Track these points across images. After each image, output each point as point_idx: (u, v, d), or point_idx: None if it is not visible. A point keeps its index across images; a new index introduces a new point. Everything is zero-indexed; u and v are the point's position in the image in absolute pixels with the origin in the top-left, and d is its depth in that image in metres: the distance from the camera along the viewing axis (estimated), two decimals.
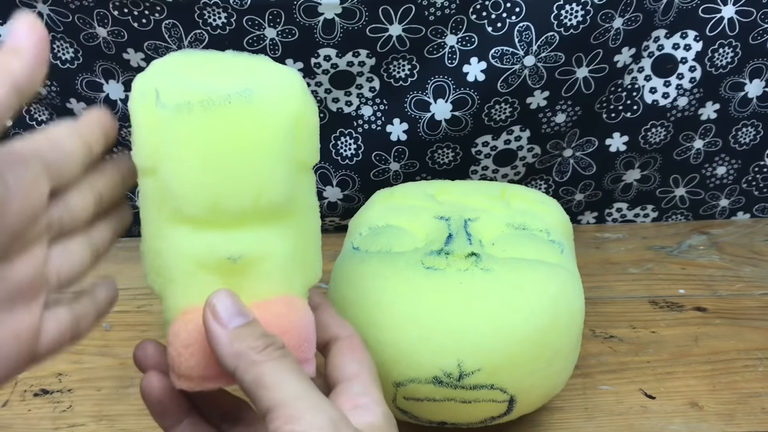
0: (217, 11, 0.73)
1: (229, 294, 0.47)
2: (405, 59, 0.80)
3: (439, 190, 0.72)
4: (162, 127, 0.48)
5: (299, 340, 0.49)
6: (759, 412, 0.67)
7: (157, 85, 0.48)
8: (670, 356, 0.73)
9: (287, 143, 0.50)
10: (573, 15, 0.76)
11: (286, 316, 0.49)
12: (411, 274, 0.60)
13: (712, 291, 0.82)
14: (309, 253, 0.53)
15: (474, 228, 0.65)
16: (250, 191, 0.48)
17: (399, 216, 0.68)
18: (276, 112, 0.49)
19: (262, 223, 0.50)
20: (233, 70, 0.51)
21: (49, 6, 0.76)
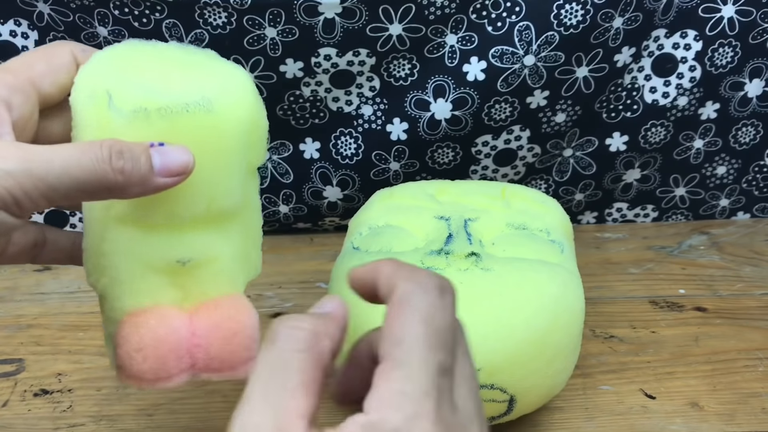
0: (217, 11, 0.73)
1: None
2: (405, 59, 0.80)
3: (439, 190, 0.72)
4: (115, 132, 0.47)
5: (249, 340, 0.50)
6: (759, 412, 0.67)
7: (108, 86, 0.48)
8: (671, 356, 0.73)
9: (242, 150, 0.51)
10: (573, 14, 0.76)
11: (235, 317, 0.50)
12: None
13: (713, 291, 0.82)
14: (251, 251, 0.54)
15: (474, 228, 0.65)
16: (205, 198, 0.49)
17: (399, 216, 0.68)
18: (233, 120, 0.49)
19: (210, 226, 0.51)
20: (183, 69, 0.51)
21: (49, 5, 0.76)
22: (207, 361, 0.50)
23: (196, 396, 0.70)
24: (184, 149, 0.46)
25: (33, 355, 0.74)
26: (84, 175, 0.43)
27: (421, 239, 0.65)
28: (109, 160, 0.44)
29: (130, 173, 0.44)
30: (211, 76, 0.50)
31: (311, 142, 0.86)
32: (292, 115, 0.83)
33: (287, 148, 0.86)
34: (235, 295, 0.52)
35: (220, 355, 0.50)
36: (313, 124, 0.84)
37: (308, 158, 0.87)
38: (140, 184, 0.45)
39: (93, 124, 0.48)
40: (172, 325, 0.49)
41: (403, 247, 0.64)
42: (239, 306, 0.51)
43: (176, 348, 0.49)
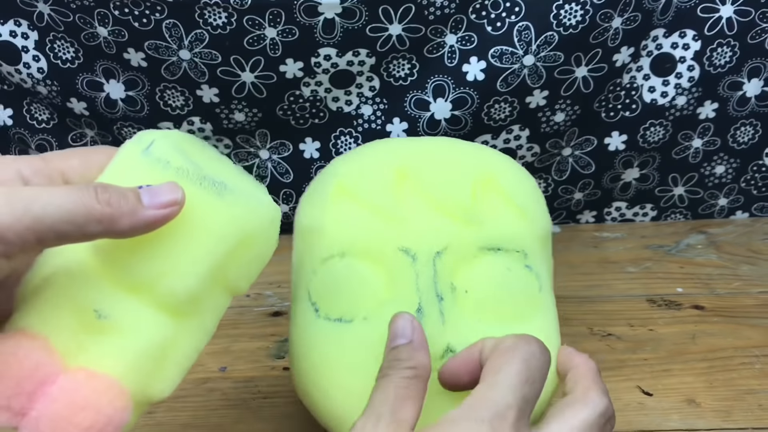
0: (217, 11, 0.73)
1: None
2: (405, 59, 0.80)
3: (400, 175, 0.61)
4: (132, 169, 0.49)
5: (77, 422, 0.45)
6: (755, 409, 0.67)
7: (158, 138, 0.50)
8: (668, 354, 0.74)
9: (221, 250, 0.49)
10: (572, 14, 0.76)
11: (95, 406, 0.46)
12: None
13: (710, 289, 0.82)
14: (168, 368, 0.50)
15: (443, 266, 0.58)
16: (159, 266, 0.48)
17: (357, 242, 0.60)
18: (230, 218, 0.49)
19: (149, 303, 0.48)
20: (231, 174, 0.53)
21: (49, 6, 0.76)
22: (39, 417, 0.45)
23: (195, 394, 0.70)
24: (172, 185, 0.47)
25: None
26: (71, 204, 0.43)
27: (383, 286, 0.59)
28: (95, 193, 0.44)
29: (118, 204, 0.44)
30: (246, 187, 0.52)
31: (311, 141, 0.86)
32: (292, 115, 0.83)
33: (287, 147, 0.86)
34: (116, 382, 0.47)
35: (55, 420, 0.45)
36: (313, 124, 0.84)
37: (308, 158, 0.87)
38: (130, 215, 0.45)
39: (117, 160, 0.50)
40: (37, 357, 0.45)
41: (365, 308, 0.58)
42: (111, 398, 0.46)
43: (24, 380, 0.45)
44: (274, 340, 0.76)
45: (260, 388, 0.71)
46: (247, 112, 0.82)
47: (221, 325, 0.54)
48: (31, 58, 0.80)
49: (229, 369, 0.73)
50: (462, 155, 0.63)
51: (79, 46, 0.79)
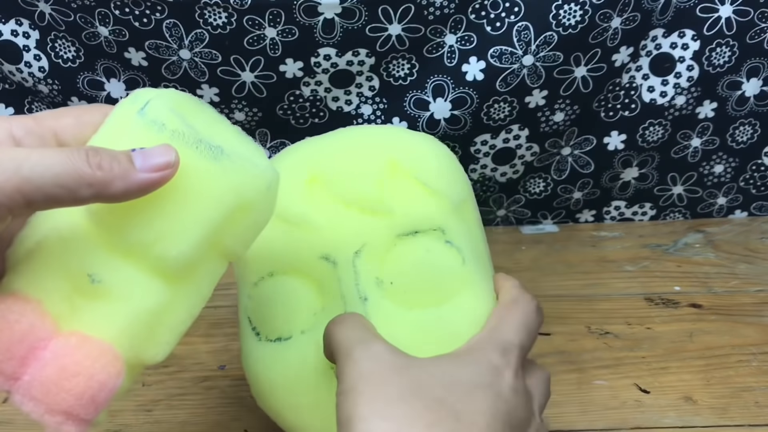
0: (217, 11, 0.73)
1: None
2: (404, 58, 0.80)
3: (312, 179, 0.61)
4: (126, 130, 0.47)
5: (86, 395, 0.45)
6: (752, 406, 0.67)
7: (153, 98, 0.48)
8: (665, 352, 0.74)
9: (217, 216, 0.48)
10: (571, 15, 0.76)
11: (89, 368, 0.45)
12: (321, 391, 0.57)
13: (708, 288, 0.82)
14: (162, 332, 0.49)
15: (364, 264, 0.58)
16: (154, 230, 0.47)
17: (282, 259, 0.60)
18: (227, 183, 0.48)
19: (141, 266, 0.48)
20: (230, 136, 0.52)
21: (51, 5, 0.76)
22: (31, 382, 0.45)
23: (194, 392, 0.71)
24: (166, 147, 0.46)
25: None
26: (60, 167, 0.42)
27: (313, 296, 0.59)
28: (86, 156, 0.43)
29: (110, 168, 0.43)
30: (247, 151, 0.51)
31: None
32: (292, 114, 0.83)
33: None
34: (109, 347, 0.46)
35: (47, 385, 0.44)
36: (313, 124, 0.85)
37: None
38: (122, 178, 0.44)
39: (112, 120, 0.49)
40: (29, 321, 0.45)
41: (300, 322, 0.59)
42: (104, 364, 0.46)
43: (15, 344, 0.44)
44: None
45: None
46: (247, 111, 0.82)
47: (220, 324, 0.54)
48: (32, 58, 0.80)
49: (228, 367, 0.73)
50: (367, 146, 0.62)
51: (80, 46, 0.80)
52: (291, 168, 0.61)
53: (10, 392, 0.45)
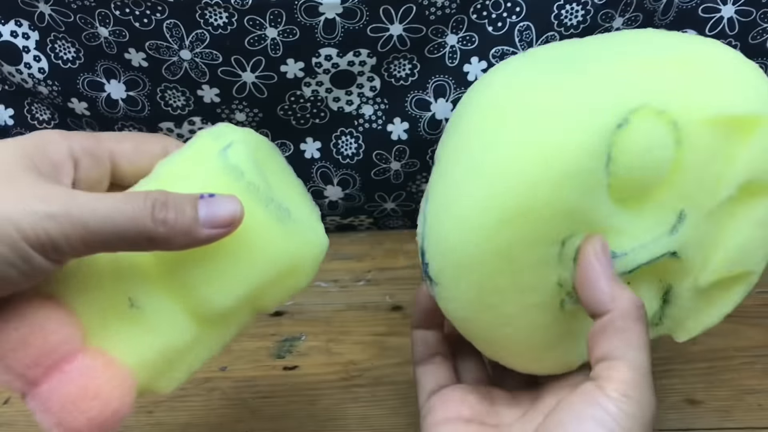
0: (218, 11, 0.73)
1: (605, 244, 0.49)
2: (406, 59, 0.80)
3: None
4: (203, 167, 0.48)
5: (97, 421, 0.45)
6: (755, 409, 0.67)
7: (237, 140, 0.49)
8: (668, 353, 0.73)
9: (267, 277, 0.49)
10: (573, 15, 0.76)
11: (108, 392, 0.46)
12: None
13: None
14: (179, 369, 0.50)
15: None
16: (203, 276, 0.48)
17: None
18: (286, 248, 0.49)
19: (181, 305, 0.48)
20: (294, 193, 0.54)
21: (50, 6, 0.76)
22: (50, 393, 0.45)
23: (195, 394, 0.71)
24: (233, 199, 0.46)
25: None
26: (125, 222, 0.43)
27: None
28: (151, 211, 0.43)
29: (174, 224, 0.44)
30: (306, 209, 0.54)
31: (312, 141, 0.86)
32: (293, 115, 0.83)
33: (288, 147, 0.86)
34: (129, 378, 0.47)
35: (64, 402, 0.45)
36: (314, 124, 0.84)
37: (309, 158, 0.87)
38: (184, 235, 0.45)
39: (190, 151, 0.49)
40: (65, 333, 0.45)
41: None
42: (122, 393, 0.47)
43: (46, 354, 0.45)
44: (275, 340, 0.76)
45: (260, 387, 0.71)
46: (248, 112, 0.82)
47: None
48: (32, 59, 0.80)
49: (229, 368, 0.73)
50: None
51: (80, 47, 0.79)
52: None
53: (25, 396, 0.45)
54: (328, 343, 0.76)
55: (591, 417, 0.45)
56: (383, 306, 0.80)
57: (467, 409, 0.55)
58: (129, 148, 0.50)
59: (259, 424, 0.68)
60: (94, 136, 0.49)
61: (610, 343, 0.47)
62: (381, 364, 0.73)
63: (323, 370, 0.73)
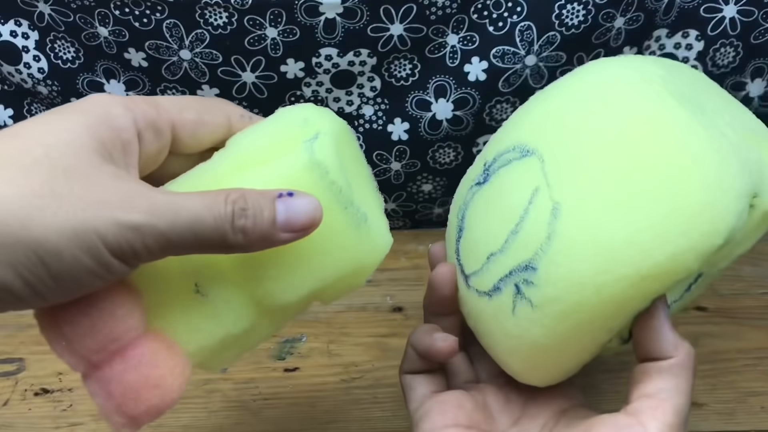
0: (218, 11, 0.73)
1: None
2: (406, 59, 0.80)
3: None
4: (286, 157, 0.47)
5: (154, 409, 0.46)
6: (759, 411, 0.67)
7: (324, 131, 0.48)
8: None
9: (333, 277, 0.49)
10: (574, 14, 0.76)
11: (170, 383, 0.46)
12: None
13: (713, 290, 0.81)
14: (230, 353, 0.51)
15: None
16: (272, 271, 0.48)
17: None
18: (356, 252, 0.49)
19: (246, 296, 0.49)
20: (368, 190, 0.53)
21: (50, 6, 0.76)
22: (111, 378, 0.45)
23: (196, 395, 0.70)
24: (311, 201, 0.45)
25: (34, 355, 0.74)
26: (206, 232, 0.42)
27: None
28: (232, 219, 0.43)
29: (252, 231, 0.43)
30: (377, 209, 0.54)
31: None
32: None
33: None
34: (188, 367, 0.48)
35: (126, 389, 0.45)
36: None
37: None
38: (261, 242, 0.44)
39: (272, 134, 0.48)
40: (133, 320, 0.45)
41: None
42: (182, 382, 0.47)
43: (113, 340, 0.45)
44: (275, 342, 0.76)
45: (261, 389, 0.71)
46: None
47: None
48: (31, 58, 0.79)
49: (229, 370, 0.73)
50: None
51: (80, 46, 0.79)
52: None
53: (86, 378, 0.45)
54: (329, 344, 0.76)
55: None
56: (384, 307, 0.80)
57: (464, 415, 0.55)
58: (191, 119, 0.48)
59: (260, 427, 0.67)
60: (154, 104, 0.47)
61: (662, 385, 0.48)
62: (382, 365, 0.73)
63: (324, 372, 0.73)
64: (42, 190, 0.39)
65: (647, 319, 0.50)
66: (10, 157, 0.39)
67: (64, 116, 0.43)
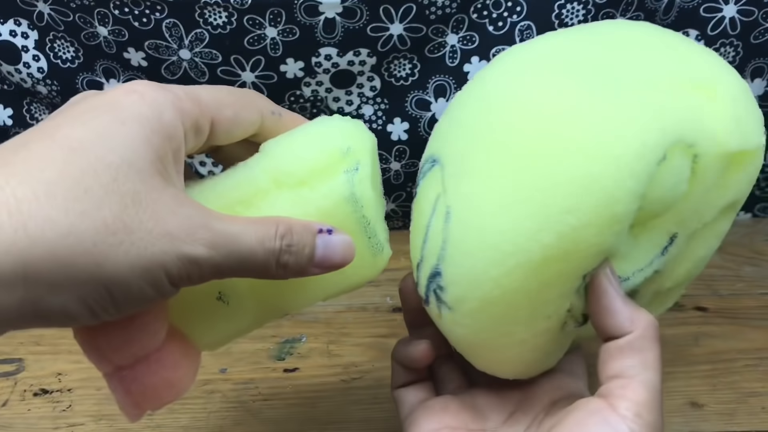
0: (217, 10, 0.73)
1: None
2: (406, 58, 0.80)
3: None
4: (325, 185, 0.49)
5: (166, 403, 0.49)
6: (759, 412, 0.67)
7: (364, 162, 0.50)
8: (671, 356, 0.73)
9: (343, 291, 0.53)
10: (574, 14, 0.76)
11: (185, 384, 0.49)
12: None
13: (713, 290, 0.82)
14: (231, 339, 0.54)
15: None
16: (290, 292, 0.50)
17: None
18: (365, 278, 0.53)
19: (259, 303, 0.51)
20: (381, 211, 0.54)
21: (49, 5, 0.76)
22: (133, 379, 0.47)
23: (196, 396, 0.70)
24: (347, 240, 0.48)
25: (33, 355, 0.74)
26: (254, 265, 0.44)
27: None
28: (279, 255, 0.45)
29: (291, 267, 0.46)
30: (383, 229, 0.54)
31: None
32: None
33: None
34: (198, 362, 0.51)
35: (147, 390, 0.47)
36: None
37: None
38: (294, 275, 0.46)
39: (314, 150, 0.50)
40: (159, 332, 0.47)
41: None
42: (192, 381, 0.50)
43: (141, 349, 0.46)
44: (275, 342, 0.76)
45: (260, 390, 0.71)
46: None
47: None
48: (31, 58, 0.79)
49: (229, 371, 0.73)
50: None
51: (79, 46, 0.79)
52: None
53: (107, 374, 0.47)
54: (329, 344, 0.76)
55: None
56: (384, 307, 0.80)
57: (450, 417, 0.55)
58: (229, 117, 0.48)
59: (260, 427, 0.67)
60: (197, 101, 0.47)
61: (626, 362, 0.47)
62: (382, 365, 0.73)
63: (323, 372, 0.73)
64: (115, 225, 0.39)
65: (595, 298, 0.49)
66: (79, 183, 0.39)
67: (122, 125, 0.42)
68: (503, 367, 0.55)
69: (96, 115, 0.42)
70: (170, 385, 0.48)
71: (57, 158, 0.39)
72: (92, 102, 0.43)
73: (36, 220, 0.37)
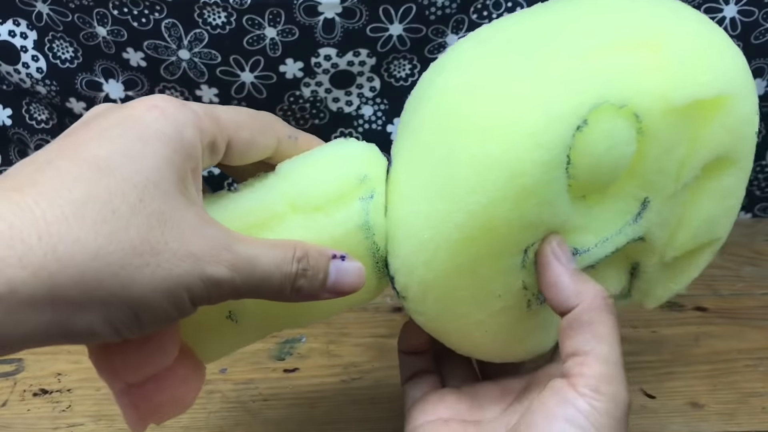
0: (216, 10, 0.73)
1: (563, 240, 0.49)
2: (405, 59, 0.80)
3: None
4: (340, 212, 0.50)
5: (171, 417, 0.50)
6: (759, 412, 0.67)
7: (378, 191, 0.51)
8: (671, 356, 0.73)
9: (335, 312, 0.54)
10: None
11: (191, 399, 0.50)
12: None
13: (713, 291, 0.81)
14: (234, 351, 0.55)
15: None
16: (294, 314, 0.51)
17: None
18: (363, 300, 0.54)
19: (261, 321, 0.52)
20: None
21: (48, 5, 0.76)
22: (142, 395, 0.48)
23: None
24: (359, 268, 0.48)
25: (32, 355, 0.74)
26: (270, 290, 0.45)
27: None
28: (294, 279, 0.45)
29: (304, 291, 0.46)
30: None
31: None
32: (292, 115, 0.83)
33: None
34: (203, 377, 0.52)
35: (155, 406, 0.48)
36: (314, 125, 0.84)
37: None
38: (305, 299, 0.47)
39: (330, 179, 0.50)
40: (172, 353, 0.47)
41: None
42: (198, 390, 0.51)
43: (153, 370, 0.47)
44: (275, 342, 0.76)
45: (260, 390, 0.71)
46: None
47: None
48: (30, 58, 0.79)
49: (229, 371, 0.73)
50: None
51: (78, 46, 0.79)
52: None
53: (116, 392, 0.48)
54: (329, 344, 0.75)
55: (562, 416, 0.44)
56: (383, 307, 0.80)
57: (445, 409, 0.55)
58: (246, 139, 0.49)
59: (259, 427, 0.67)
60: (216, 121, 0.47)
61: (579, 338, 0.47)
62: (381, 365, 0.73)
63: (323, 372, 0.73)
64: (142, 246, 0.39)
65: (540, 274, 0.49)
66: (107, 204, 0.39)
67: (146, 144, 0.42)
68: (479, 350, 0.56)
69: (120, 133, 0.42)
70: (177, 401, 0.49)
71: (84, 178, 0.39)
72: (115, 117, 0.43)
73: (66, 243, 0.37)
